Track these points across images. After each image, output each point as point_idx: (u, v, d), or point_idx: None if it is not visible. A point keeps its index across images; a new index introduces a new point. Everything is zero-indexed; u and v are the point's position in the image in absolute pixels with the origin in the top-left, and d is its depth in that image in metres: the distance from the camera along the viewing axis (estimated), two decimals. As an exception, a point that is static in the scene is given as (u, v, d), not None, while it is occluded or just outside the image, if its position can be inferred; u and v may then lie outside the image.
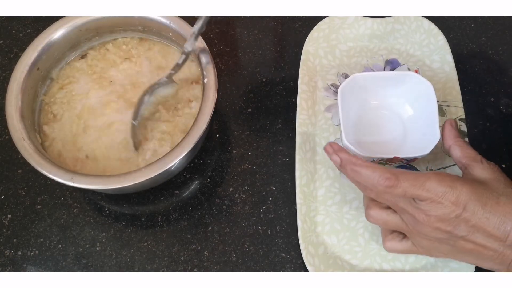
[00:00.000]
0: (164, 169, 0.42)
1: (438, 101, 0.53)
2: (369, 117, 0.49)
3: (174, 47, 0.53)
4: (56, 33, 0.49)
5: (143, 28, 0.52)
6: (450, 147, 0.43)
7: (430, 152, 0.44)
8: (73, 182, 0.42)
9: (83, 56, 0.53)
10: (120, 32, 0.53)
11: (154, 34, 0.53)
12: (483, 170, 0.39)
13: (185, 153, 0.43)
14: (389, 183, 0.36)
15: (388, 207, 0.40)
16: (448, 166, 0.50)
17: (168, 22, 0.50)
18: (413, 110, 0.49)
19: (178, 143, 0.43)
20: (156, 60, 0.52)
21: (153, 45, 0.53)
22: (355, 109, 0.49)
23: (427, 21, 0.56)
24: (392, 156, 0.44)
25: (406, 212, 0.38)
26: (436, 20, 0.56)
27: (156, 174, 0.42)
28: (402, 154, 0.44)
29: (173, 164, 0.42)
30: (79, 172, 0.43)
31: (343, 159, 0.39)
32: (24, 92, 0.46)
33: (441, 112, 0.53)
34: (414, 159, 0.46)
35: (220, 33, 0.60)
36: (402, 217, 0.39)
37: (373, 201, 0.41)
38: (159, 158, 0.43)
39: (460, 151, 0.42)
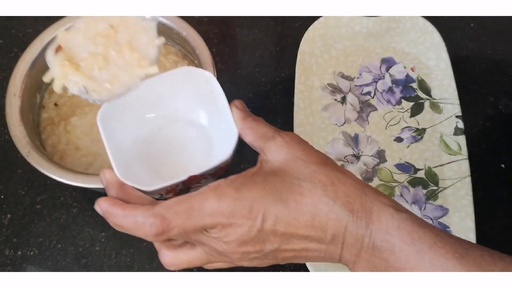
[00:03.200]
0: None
1: (435, 99, 0.53)
2: (160, 135, 0.38)
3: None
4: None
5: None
6: (241, 133, 0.33)
7: (234, 152, 0.34)
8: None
9: None
10: None
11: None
12: (277, 149, 0.31)
13: None
14: (157, 230, 0.28)
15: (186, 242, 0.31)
16: (448, 163, 0.49)
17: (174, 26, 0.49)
18: (205, 111, 0.38)
19: None
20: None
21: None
22: (134, 130, 0.37)
23: (422, 19, 0.56)
24: (187, 177, 0.32)
25: (204, 244, 0.30)
26: (436, 20, 0.56)
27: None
28: (200, 169, 0.33)
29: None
30: (56, 163, 0.42)
31: (103, 210, 0.30)
32: (30, 75, 0.47)
33: (438, 109, 0.53)
34: (218, 170, 0.34)
35: (219, 33, 0.60)
36: (205, 250, 0.31)
37: (164, 243, 0.31)
38: None
39: (250, 133, 0.33)
